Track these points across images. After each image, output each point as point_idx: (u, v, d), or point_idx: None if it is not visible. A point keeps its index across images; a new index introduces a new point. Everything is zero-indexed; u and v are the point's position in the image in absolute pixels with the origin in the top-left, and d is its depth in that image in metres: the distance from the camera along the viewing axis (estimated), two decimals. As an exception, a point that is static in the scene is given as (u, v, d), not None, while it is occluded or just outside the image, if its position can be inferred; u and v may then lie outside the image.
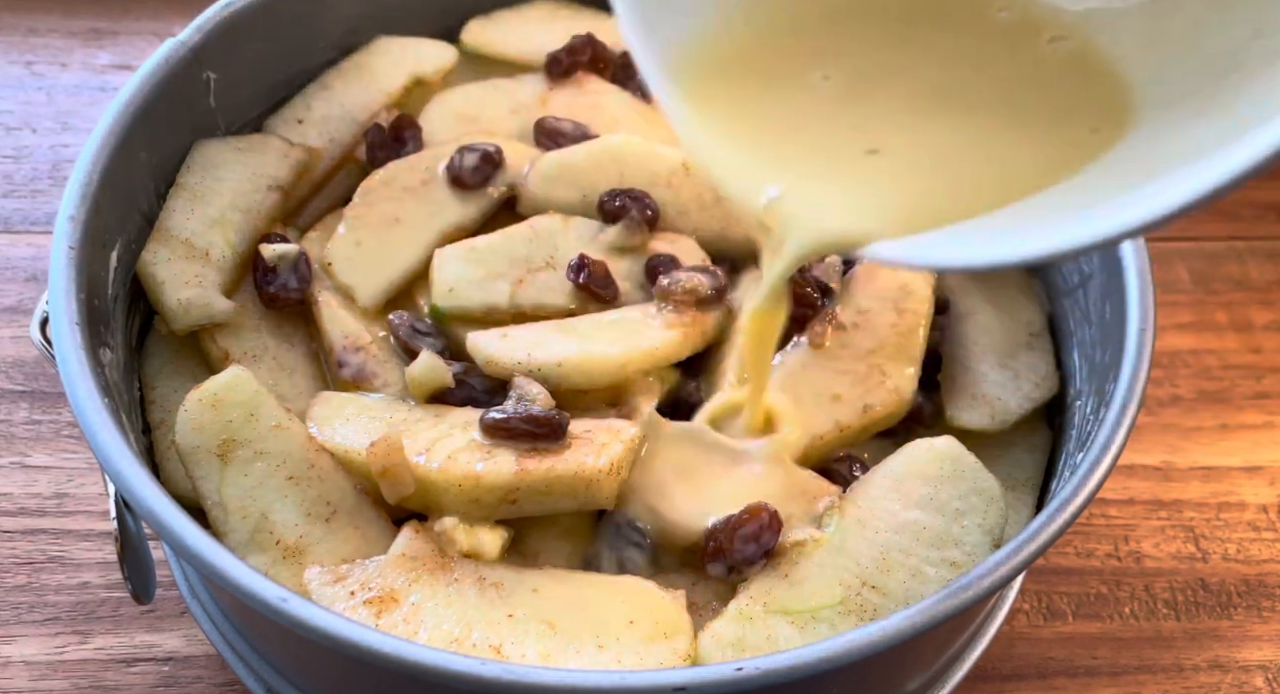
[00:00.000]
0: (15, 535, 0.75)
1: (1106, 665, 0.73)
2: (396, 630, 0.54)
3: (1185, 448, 0.82)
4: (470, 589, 0.56)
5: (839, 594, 0.57)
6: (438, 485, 0.58)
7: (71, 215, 0.62)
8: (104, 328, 0.63)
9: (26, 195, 0.93)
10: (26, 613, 0.72)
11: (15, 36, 1.03)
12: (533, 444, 0.59)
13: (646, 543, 0.61)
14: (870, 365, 0.66)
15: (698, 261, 0.69)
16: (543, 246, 0.69)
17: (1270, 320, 0.90)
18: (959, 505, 0.60)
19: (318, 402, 0.64)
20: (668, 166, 0.72)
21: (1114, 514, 0.79)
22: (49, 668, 0.70)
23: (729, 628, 0.57)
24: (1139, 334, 0.62)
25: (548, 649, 0.54)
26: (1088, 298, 0.69)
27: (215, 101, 0.73)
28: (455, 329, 0.67)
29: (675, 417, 0.65)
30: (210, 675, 0.70)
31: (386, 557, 0.57)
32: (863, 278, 0.69)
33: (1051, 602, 0.75)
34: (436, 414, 0.63)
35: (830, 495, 0.62)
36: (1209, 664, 0.73)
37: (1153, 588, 0.76)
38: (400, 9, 0.81)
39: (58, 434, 0.79)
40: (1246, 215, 0.96)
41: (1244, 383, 0.86)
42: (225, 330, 0.67)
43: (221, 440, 0.59)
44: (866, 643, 0.51)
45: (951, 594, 0.52)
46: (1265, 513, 0.79)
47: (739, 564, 0.59)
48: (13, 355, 0.83)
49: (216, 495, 0.59)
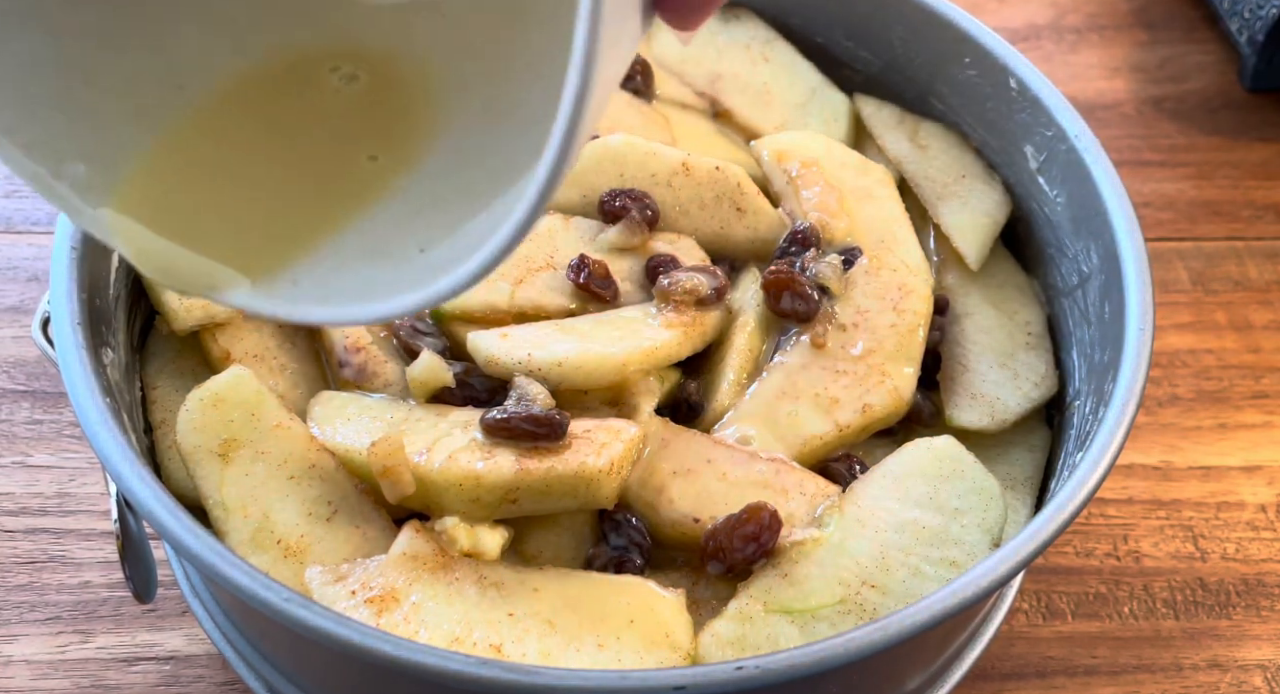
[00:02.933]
0: (17, 535, 0.75)
1: (1106, 665, 0.73)
2: (397, 630, 0.54)
3: (1184, 447, 0.83)
4: (470, 589, 0.57)
5: (839, 593, 0.57)
6: (438, 485, 0.58)
7: (73, 216, 0.62)
8: (105, 328, 0.63)
9: (28, 195, 0.93)
10: (28, 612, 0.72)
11: (16, 36, 1.03)
12: (533, 444, 0.59)
13: (646, 543, 0.61)
14: (869, 365, 0.67)
15: (698, 261, 0.69)
16: (543, 246, 0.69)
17: (1269, 320, 0.90)
18: (958, 505, 0.60)
19: (318, 401, 0.64)
20: (668, 166, 0.72)
21: (1113, 514, 0.79)
22: (50, 667, 0.70)
23: (729, 627, 0.57)
24: (1138, 334, 0.62)
25: (548, 649, 0.54)
26: (1087, 298, 0.69)
27: (216, 102, 0.74)
28: (455, 329, 0.67)
29: (675, 417, 0.65)
30: (211, 675, 0.70)
31: (387, 556, 0.57)
32: (863, 278, 0.70)
33: (1051, 601, 0.75)
34: (437, 414, 0.63)
35: (830, 495, 0.62)
36: (1208, 663, 0.73)
37: (1152, 587, 0.76)
38: (401, 9, 0.81)
39: (59, 434, 0.80)
40: (1246, 215, 0.96)
41: (1243, 382, 0.86)
42: (226, 330, 0.67)
43: (223, 440, 0.60)
44: (866, 642, 0.51)
45: (951, 593, 0.52)
46: (1264, 512, 0.79)
47: (739, 564, 0.59)
48: (14, 355, 0.83)
49: (217, 495, 0.59)
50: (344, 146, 0.51)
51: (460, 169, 0.49)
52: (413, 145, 0.50)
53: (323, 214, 0.49)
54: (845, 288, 0.69)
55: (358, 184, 0.50)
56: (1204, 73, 1.06)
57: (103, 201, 0.48)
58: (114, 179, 0.49)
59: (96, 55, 0.49)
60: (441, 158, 0.50)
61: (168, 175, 0.50)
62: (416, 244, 0.47)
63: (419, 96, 0.51)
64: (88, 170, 0.48)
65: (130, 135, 0.49)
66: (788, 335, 0.68)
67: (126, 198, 0.49)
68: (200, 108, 0.50)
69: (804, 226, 0.70)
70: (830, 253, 0.70)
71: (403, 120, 0.51)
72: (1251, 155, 1.00)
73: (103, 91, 0.49)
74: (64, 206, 0.49)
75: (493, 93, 0.50)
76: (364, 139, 0.51)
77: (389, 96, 0.51)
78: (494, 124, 0.49)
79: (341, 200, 0.50)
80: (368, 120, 0.51)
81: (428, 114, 0.51)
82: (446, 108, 0.51)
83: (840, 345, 0.67)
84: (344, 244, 0.49)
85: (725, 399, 0.66)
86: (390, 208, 0.49)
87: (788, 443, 0.64)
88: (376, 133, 0.51)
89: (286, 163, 0.51)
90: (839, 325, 0.68)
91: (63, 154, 0.48)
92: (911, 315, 0.68)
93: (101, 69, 0.49)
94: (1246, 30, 1.01)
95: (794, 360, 0.67)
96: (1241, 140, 1.01)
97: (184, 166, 0.50)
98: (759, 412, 0.65)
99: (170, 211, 0.49)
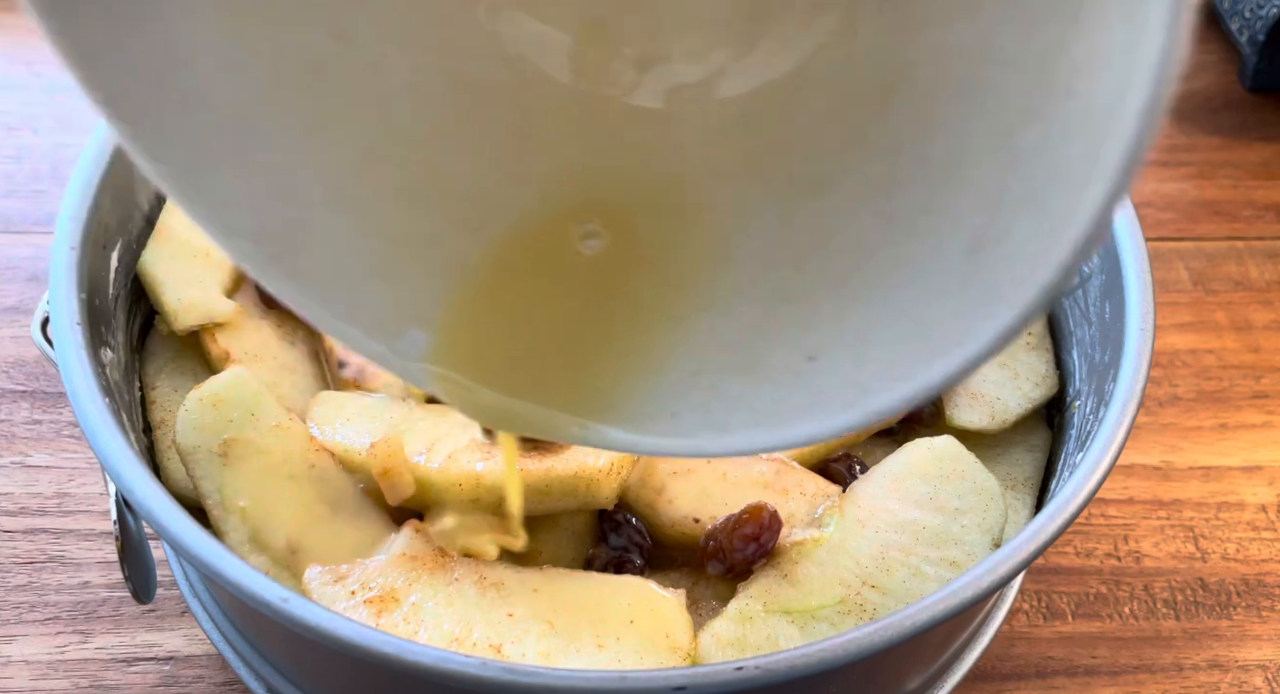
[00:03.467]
0: (16, 535, 0.75)
1: (1106, 665, 0.73)
2: (396, 630, 0.54)
3: (1184, 447, 0.82)
4: (470, 589, 0.57)
5: (839, 594, 0.57)
6: (438, 485, 0.58)
7: (73, 215, 0.62)
8: (105, 328, 0.63)
9: (27, 195, 0.93)
10: (27, 612, 0.72)
11: (16, 37, 1.03)
12: (533, 444, 0.59)
13: (646, 543, 0.61)
14: (870, 365, 0.66)
15: (698, 261, 0.69)
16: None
17: (1270, 320, 0.90)
18: (958, 505, 0.60)
19: (318, 401, 0.64)
20: (668, 166, 0.72)
21: (1113, 514, 0.79)
22: (49, 667, 0.70)
23: (729, 627, 0.57)
24: (1138, 334, 0.62)
25: (548, 649, 0.54)
26: (1087, 297, 0.69)
27: (216, 102, 0.73)
28: (455, 329, 0.67)
29: (675, 416, 0.65)
30: (211, 675, 0.70)
31: (386, 556, 0.57)
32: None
33: (1051, 601, 0.75)
34: (437, 414, 0.63)
35: (830, 495, 0.62)
36: (1208, 664, 0.73)
37: (1152, 588, 0.76)
38: (400, 9, 0.81)
39: (58, 434, 0.80)
40: (1246, 215, 0.96)
41: (1243, 382, 0.86)
42: (226, 330, 0.67)
43: (222, 440, 0.59)
44: (866, 643, 0.51)
45: (951, 593, 0.52)
46: (1265, 513, 0.79)
47: (739, 564, 0.59)
48: (13, 355, 0.83)
49: (217, 495, 0.59)
50: (635, 274, 0.48)
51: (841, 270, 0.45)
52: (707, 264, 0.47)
53: (636, 343, 0.47)
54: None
55: (666, 305, 0.47)
56: (1204, 72, 1.06)
57: (425, 357, 0.47)
58: (430, 337, 0.47)
59: (402, 214, 0.47)
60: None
61: (479, 326, 0.48)
62: (802, 354, 0.43)
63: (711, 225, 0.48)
64: (415, 332, 0.47)
65: (433, 293, 0.48)
66: (788, 335, 0.68)
67: (444, 352, 0.47)
68: (493, 252, 0.48)
69: (804, 226, 0.70)
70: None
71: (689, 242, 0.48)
72: (1252, 155, 1.00)
73: (409, 250, 0.47)
74: (406, 376, 0.47)
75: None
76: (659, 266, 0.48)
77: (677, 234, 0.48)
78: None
79: (653, 325, 0.47)
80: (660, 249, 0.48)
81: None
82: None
83: (840, 345, 0.67)
84: (682, 367, 0.45)
85: (725, 399, 0.66)
86: (735, 319, 0.46)
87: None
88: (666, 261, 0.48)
89: (584, 297, 0.48)
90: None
91: (395, 324, 0.47)
92: (912, 315, 0.68)
93: (406, 227, 0.47)
94: (1247, 30, 1.01)
95: (794, 360, 0.67)
96: (1242, 140, 1.01)
97: (489, 314, 0.48)
98: (759, 412, 0.65)
99: (487, 362, 0.48)
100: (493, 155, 0.48)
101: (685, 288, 0.47)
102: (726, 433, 0.44)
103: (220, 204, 0.44)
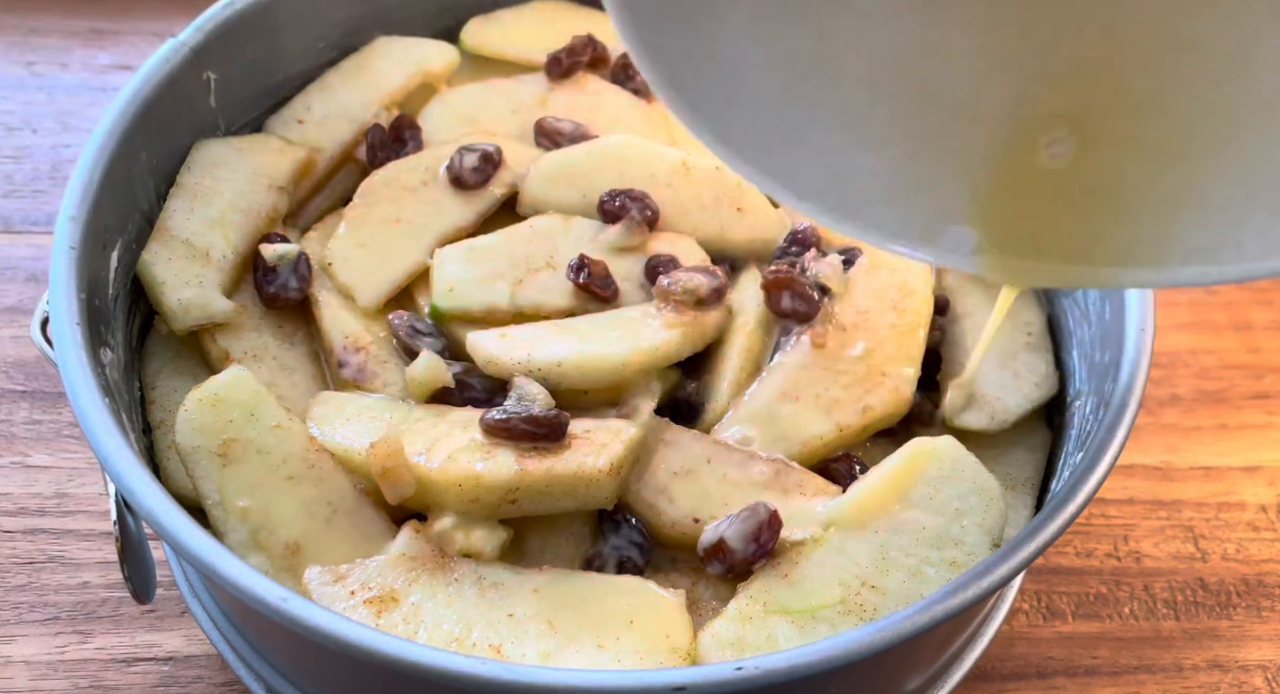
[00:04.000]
0: (15, 535, 0.75)
1: (1106, 665, 0.73)
2: (396, 630, 0.54)
3: (1185, 448, 0.83)
4: (470, 589, 0.57)
5: (839, 594, 0.57)
6: (438, 485, 0.58)
7: (72, 215, 0.62)
8: (104, 328, 0.63)
9: (27, 195, 0.93)
10: (27, 613, 0.72)
11: (16, 37, 1.03)
12: (533, 444, 0.59)
13: (646, 543, 0.61)
14: (870, 365, 0.67)
15: (698, 262, 0.69)
16: (542, 246, 0.69)
17: (1270, 320, 0.90)
18: (959, 505, 0.60)
19: (318, 402, 0.64)
20: (668, 166, 0.72)
21: (1113, 514, 0.79)
22: (49, 668, 0.70)
23: (729, 628, 0.57)
24: (1138, 334, 0.62)
25: (548, 649, 0.54)
26: (1087, 297, 0.69)
27: (215, 101, 0.74)
28: (455, 329, 0.67)
29: (675, 417, 0.65)
30: (210, 675, 0.70)
31: (386, 556, 0.57)
32: (863, 278, 0.70)
33: (1051, 601, 0.75)
34: (436, 414, 0.63)
35: (830, 495, 0.62)
36: (1208, 664, 0.73)
37: (1152, 588, 0.76)
38: (400, 9, 0.81)
39: (58, 434, 0.80)
40: (1246, 215, 0.96)
41: (1243, 383, 0.86)
42: (225, 330, 0.67)
43: (222, 440, 0.59)
44: (866, 643, 0.51)
45: (951, 594, 0.52)
46: (1265, 513, 0.79)
47: (739, 564, 0.59)
48: (13, 355, 0.83)
49: (217, 495, 0.59)
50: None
51: None
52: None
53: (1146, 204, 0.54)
54: (845, 288, 0.69)
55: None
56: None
57: (973, 250, 0.56)
58: (972, 230, 0.56)
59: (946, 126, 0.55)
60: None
61: (1007, 209, 0.56)
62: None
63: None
64: (955, 230, 0.56)
65: (958, 195, 0.56)
66: (788, 336, 0.68)
67: (985, 239, 0.56)
68: (992, 149, 0.54)
69: (804, 227, 0.70)
70: (830, 253, 0.70)
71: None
72: (1252, 155, 1.00)
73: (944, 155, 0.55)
74: (955, 265, 0.57)
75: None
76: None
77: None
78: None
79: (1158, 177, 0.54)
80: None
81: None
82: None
83: (840, 345, 0.67)
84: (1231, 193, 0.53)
85: (725, 399, 0.66)
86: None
87: (788, 443, 0.64)
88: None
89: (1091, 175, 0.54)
90: (839, 325, 0.68)
91: (937, 228, 0.56)
92: (912, 315, 0.68)
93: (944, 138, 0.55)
94: None
95: (794, 360, 0.67)
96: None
97: (1012, 197, 0.56)
98: (759, 412, 0.65)
99: (1021, 238, 0.57)
100: (985, 70, 0.54)
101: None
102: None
103: (784, 170, 0.55)
